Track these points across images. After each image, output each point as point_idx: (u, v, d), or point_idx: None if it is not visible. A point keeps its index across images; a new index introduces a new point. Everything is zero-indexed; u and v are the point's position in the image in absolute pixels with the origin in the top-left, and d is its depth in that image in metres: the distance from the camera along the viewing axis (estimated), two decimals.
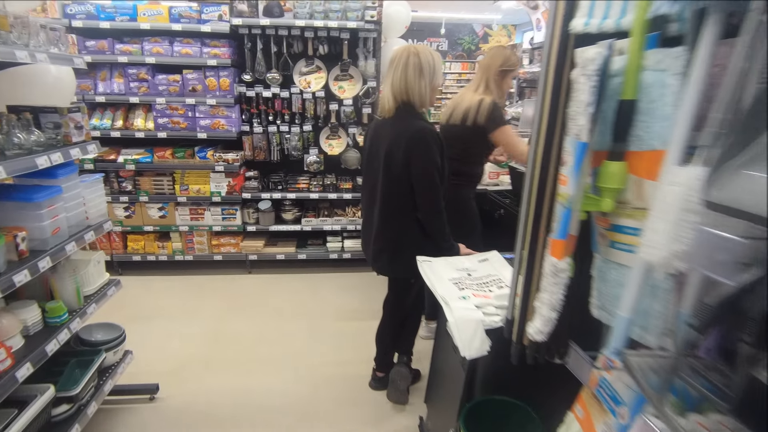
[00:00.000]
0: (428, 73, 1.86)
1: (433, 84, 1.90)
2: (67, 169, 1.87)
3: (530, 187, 0.98)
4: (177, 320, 3.09)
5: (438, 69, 1.89)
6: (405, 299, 2.27)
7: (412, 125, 1.88)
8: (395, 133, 1.91)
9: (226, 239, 3.77)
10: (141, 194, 3.55)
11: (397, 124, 1.92)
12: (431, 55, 1.87)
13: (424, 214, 1.97)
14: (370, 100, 3.61)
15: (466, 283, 1.71)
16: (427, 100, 1.91)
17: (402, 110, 1.91)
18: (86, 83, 3.33)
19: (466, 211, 2.39)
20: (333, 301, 3.40)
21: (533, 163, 0.98)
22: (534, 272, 1.02)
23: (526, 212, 1.00)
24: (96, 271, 2.13)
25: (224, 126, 3.49)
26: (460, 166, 2.31)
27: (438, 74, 1.90)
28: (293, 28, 3.35)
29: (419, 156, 1.87)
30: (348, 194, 3.76)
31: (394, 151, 1.90)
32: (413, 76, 1.85)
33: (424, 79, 1.86)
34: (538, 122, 0.95)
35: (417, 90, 1.87)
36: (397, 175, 1.93)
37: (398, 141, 1.88)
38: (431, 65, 1.86)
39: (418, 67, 1.84)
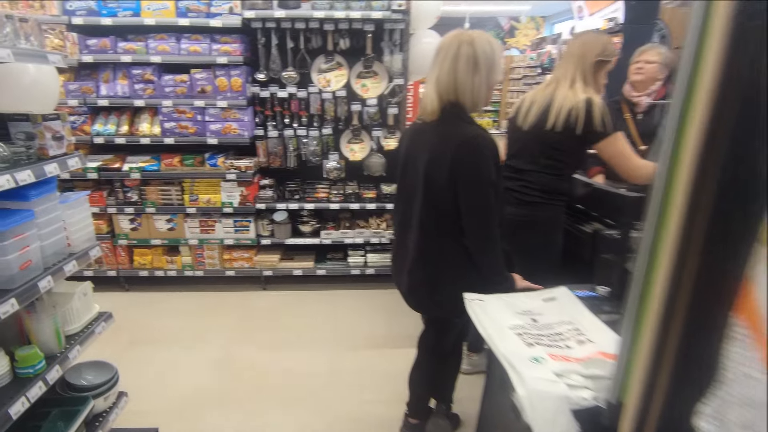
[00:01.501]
0: (485, 68, 1.47)
1: (490, 81, 1.51)
2: (43, 188, 1.56)
3: (688, 213, 0.61)
4: (183, 345, 2.79)
5: (497, 62, 1.50)
6: (445, 340, 1.90)
7: (462, 131, 1.50)
8: (439, 141, 1.53)
9: (239, 253, 3.46)
10: (148, 205, 3.26)
11: (441, 129, 1.54)
12: (489, 44, 1.48)
13: (472, 241, 1.59)
14: (396, 100, 3.24)
15: (533, 334, 1.32)
16: (482, 100, 1.52)
17: (449, 112, 1.53)
18: (88, 85, 3.06)
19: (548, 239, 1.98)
20: (356, 325, 3.05)
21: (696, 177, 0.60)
22: (669, 336, 0.66)
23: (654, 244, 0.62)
24: (82, 305, 1.82)
25: (236, 130, 3.17)
26: (547, 181, 1.91)
27: (497, 69, 1.51)
28: (311, 20, 3.00)
29: (470, 169, 1.49)
30: (371, 204, 3.40)
31: (438, 163, 1.53)
32: (465, 70, 1.46)
33: (479, 75, 1.47)
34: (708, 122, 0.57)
35: (469, 88, 1.48)
36: (440, 193, 1.55)
37: (443, 150, 1.51)
38: (489, 57, 1.47)
39: (471, 59, 1.46)
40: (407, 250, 1.72)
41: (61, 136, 1.64)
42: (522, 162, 1.94)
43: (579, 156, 1.91)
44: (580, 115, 1.74)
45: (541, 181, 1.90)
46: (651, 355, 0.72)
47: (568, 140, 1.80)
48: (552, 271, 2.00)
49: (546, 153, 1.87)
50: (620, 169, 1.84)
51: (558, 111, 1.77)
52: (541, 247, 1.96)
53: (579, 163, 1.96)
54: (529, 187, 1.92)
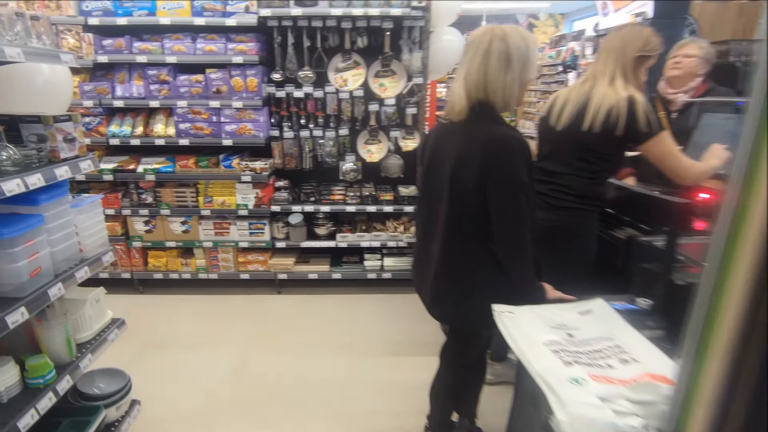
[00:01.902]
0: (518, 65, 1.36)
1: (524, 79, 1.40)
2: (53, 192, 1.51)
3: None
4: (196, 350, 2.74)
5: (531, 59, 1.39)
6: (470, 351, 1.80)
7: (492, 131, 1.40)
8: (468, 141, 1.43)
9: (254, 256, 3.40)
10: (162, 207, 3.23)
11: (470, 129, 1.44)
12: (523, 39, 1.37)
13: (502, 249, 1.48)
14: (415, 99, 3.15)
15: (570, 351, 1.21)
16: (514, 99, 1.42)
17: (477, 112, 1.43)
18: (103, 86, 3.03)
19: (582, 247, 1.86)
20: (372, 331, 2.97)
21: None
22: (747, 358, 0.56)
23: None
24: (95, 311, 1.77)
25: (251, 131, 3.11)
26: (580, 185, 1.79)
27: (531, 66, 1.40)
28: (328, 18, 2.92)
29: (501, 171, 1.39)
30: (389, 207, 3.31)
31: (465, 165, 1.43)
32: (497, 67, 1.36)
33: (512, 73, 1.36)
34: None
35: (501, 86, 1.38)
36: (467, 196, 1.45)
37: (472, 151, 1.41)
38: (522, 54, 1.36)
39: (504, 55, 1.35)
40: (431, 257, 1.62)
41: (73, 138, 1.58)
42: (554, 164, 1.83)
43: (617, 159, 1.79)
44: (621, 115, 1.62)
45: (575, 185, 1.78)
46: (721, 381, 0.61)
47: (607, 142, 1.68)
48: (584, 281, 1.88)
49: (581, 155, 1.75)
50: (669, 170, 1.71)
51: (596, 110, 1.66)
52: (573, 255, 1.85)
53: (616, 166, 1.84)
54: (561, 191, 1.81)
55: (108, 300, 3.32)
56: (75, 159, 1.59)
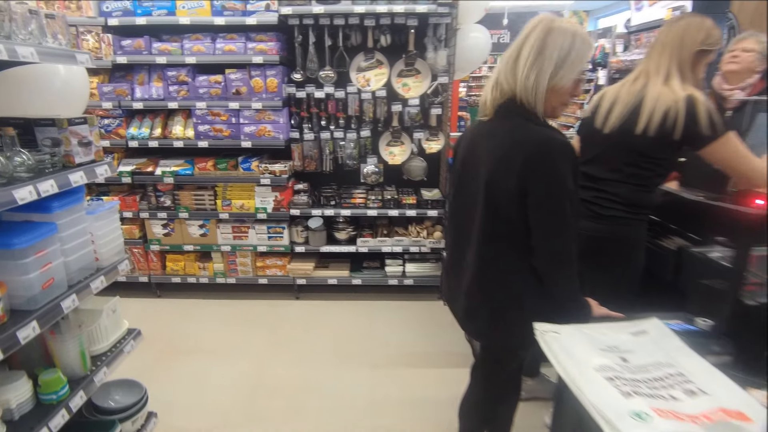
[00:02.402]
0: (550, 64, 1.20)
1: (556, 83, 1.23)
2: (68, 199, 1.44)
3: None
4: (213, 357, 2.67)
5: (572, 64, 1.22)
6: (504, 371, 1.67)
7: (533, 134, 1.26)
8: (506, 144, 1.30)
9: (272, 261, 3.32)
10: (180, 210, 3.17)
11: (508, 131, 1.31)
12: (571, 37, 1.21)
13: (544, 261, 1.35)
14: (439, 99, 3.02)
15: (626, 379, 1.08)
16: (539, 102, 1.26)
17: (511, 110, 1.30)
18: (123, 88, 2.99)
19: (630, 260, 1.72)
20: (394, 340, 2.85)
21: None
22: None
23: None
24: (111, 322, 1.70)
25: (271, 133, 3.03)
26: (629, 192, 1.64)
27: (568, 72, 1.22)
28: (351, 16, 2.82)
29: (543, 177, 1.25)
30: (411, 211, 3.19)
31: (503, 170, 1.30)
32: (526, 61, 1.22)
33: (539, 70, 1.21)
34: None
35: (522, 83, 1.24)
36: (506, 204, 1.32)
37: (510, 155, 1.27)
38: (561, 54, 1.20)
39: (536, 48, 1.21)
40: (464, 268, 1.50)
41: (88, 142, 1.51)
42: (600, 169, 1.68)
43: (671, 165, 1.64)
44: (680, 117, 1.47)
45: (624, 193, 1.63)
46: None
47: (662, 146, 1.53)
48: (630, 296, 1.74)
49: (632, 161, 1.60)
50: (738, 174, 1.54)
51: (651, 112, 1.51)
52: (619, 268, 1.70)
53: (668, 172, 1.69)
54: (608, 199, 1.66)
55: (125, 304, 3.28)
56: (91, 164, 1.51)
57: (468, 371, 1.77)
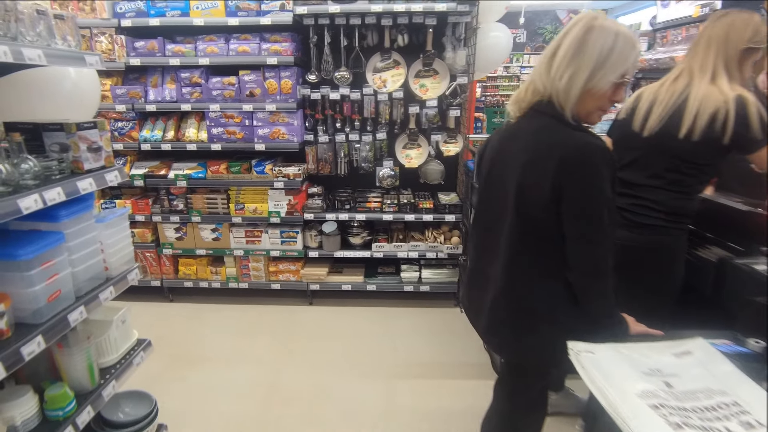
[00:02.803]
0: (588, 63, 1.11)
1: (593, 86, 1.13)
2: (76, 207, 1.38)
3: None
4: (226, 365, 2.61)
5: (615, 64, 1.11)
6: (531, 390, 1.57)
7: (569, 137, 1.17)
8: (538, 148, 1.20)
9: (285, 265, 3.26)
10: (193, 214, 3.12)
11: (540, 133, 1.21)
12: (614, 36, 1.11)
13: (578, 274, 1.25)
14: (458, 101, 2.93)
15: (674, 407, 0.98)
16: (569, 104, 1.16)
17: (544, 111, 1.21)
18: (136, 90, 2.95)
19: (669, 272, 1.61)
20: (409, 348, 2.76)
21: None
22: None
23: None
24: (120, 333, 1.64)
25: (285, 135, 2.96)
26: (669, 199, 1.54)
27: (607, 74, 1.12)
28: (368, 15, 2.74)
29: (580, 185, 1.15)
30: (428, 215, 3.10)
31: (535, 176, 1.20)
32: (562, 56, 1.13)
33: (575, 69, 1.12)
34: None
35: (556, 82, 1.15)
36: (537, 213, 1.23)
37: (543, 160, 1.18)
38: (602, 54, 1.10)
39: (574, 45, 1.12)
40: (488, 280, 1.40)
41: (98, 147, 1.45)
42: (638, 175, 1.57)
43: (715, 170, 1.53)
44: (729, 120, 1.35)
45: (663, 200, 1.52)
46: None
47: (707, 151, 1.42)
48: (667, 311, 1.63)
49: (673, 166, 1.49)
50: None
51: (696, 113, 1.39)
52: (656, 280, 1.59)
53: (712, 178, 1.57)
54: (646, 207, 1.55)
55: (137, 308, 3.27)
56: (100, 170, 1.45)
57: (486, 383, 1.68)
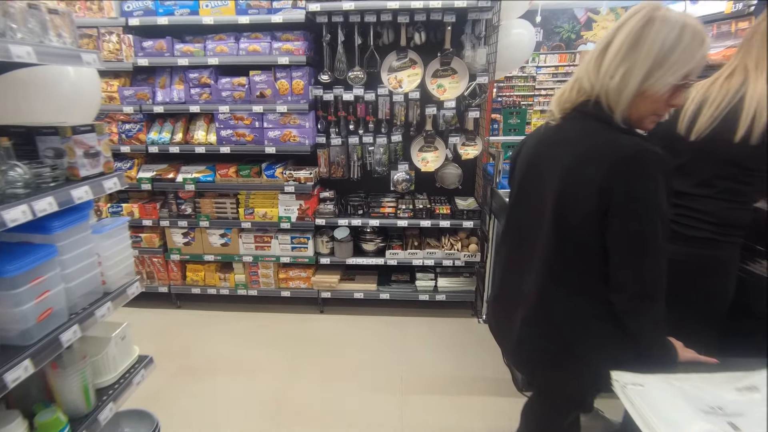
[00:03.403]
0: (645, 59, 0.96)
1: (649, 88, 0.99)
2: (71, 217, 1.27)
3: None
4: (234, 376, 2.50)
5: (677, 63, 0.97)
6: (564, 420, 1.42)
7: (620, 142, 1.03)
8: (583, 153, 1.06)
9: (296, 272, 3.15)
10: (201, 218, 3.03)
11: (585, 137, 1.08)
12: (680, 30, 0.96)
13: (624, 296, 1.10)
14: (477, 101, 2.79)
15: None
16: (620, 106, 1.02)
17: (589, 113, 1.07)
18: (144, 91, 2.86)
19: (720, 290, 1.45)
20: (424, 361, 2.62)
21: None
22: None
23: None
24: (119, 350, 1.53)
25: (296, 138, 2.85)
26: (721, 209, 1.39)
27: (671, 71, 0.97)
28: (383, 12, 2.61)
29: (631, 198, 1.02)
30: (445, 221, 2.96)
31: (579, 185, 1.06)
32: (615, 51, 0.99)
33: (631, 71, 0.98)
34: None
35: (606, 81, 1.01)
36: (580, 226, 1.08)
37: (588, 167, 1.04)
38: (664, 50, 0.96)
39: (629, 40, 0.98)
40: (519, 297, 1.27)
41: (96, 153, 1.35)
42: (684, 183, 1.42)
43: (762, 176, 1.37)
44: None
45: (715, 210, 1.37)
46: None
47: (747, 153, 1.27)
48: (715, 332, 1.47)
49: (726, 173, 1.34)
50: None
51: (753, 114, 1.24)
52: (704, 299, 1.44)
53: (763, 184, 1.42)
54: (694, 218, 1.40)
55: (144, 315, 3.20)
56: (98, 177, 1.35)
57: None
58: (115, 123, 2.94)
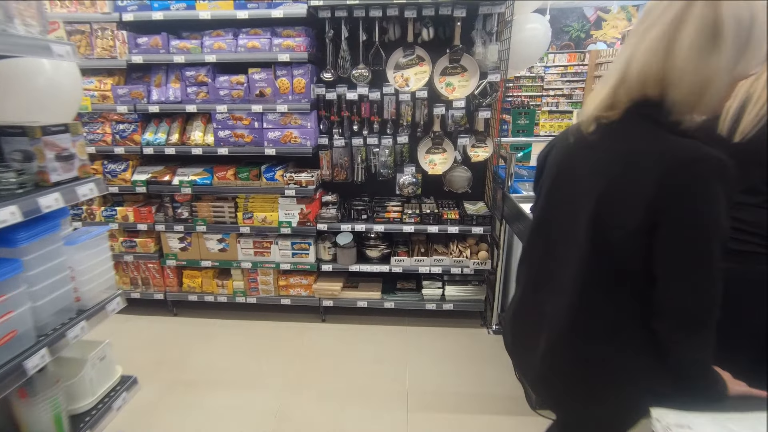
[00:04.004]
0: (733, 45, 0.82)
1: (740, 70, 0.85)
2: (39, 228, 1.14)
3: None
4: (230, 390, 2.36)
5: (758, 38, 0.82)
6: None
7: (675, 146, 0.87)
8: (628, 159, 0.91)
9: (296, 279, 3.01)
10: (198, 223, 2.90)
11: (627, 141, 0.93)
12: (749, 7, 0.81)
13: (671, 327, 0.95)
14: (488, 101, 2.64)
15: None
16: (713, 100, 0.87)
17: (638, 114, 0.92)
18: (139, 90, 2.74)
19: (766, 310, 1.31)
20: (430, 375, 2.48)
21: None
22: None
23: None
24: (98, 372, 1.39)
25: (297, 139, 2.71)
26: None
27: (755, 49, 0.83)
28: (390, 6, 2.46)
29: (687, 213, 0.86)
30: (453, 227, 2.81)
31: (622, 196, 0.91)
32: (692, 44, 0.83)
33: (720, 56, 0.82)
34: None
35: (693, 76, 0.85)
36: (619, 243, 0.94)
37: (637, 175, 0.89)
38: (744, 28, 0.81)
39: (709, 27, 0.82)
40: (543, 316, 1.12)
41: (69, 155, 1.21)
42: None
43: None
44: None
45: (763, 221, 1.22)
46: None
47: None
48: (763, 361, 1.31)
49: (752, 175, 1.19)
50: None
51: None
52: (751, 321, 1.28)
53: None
54: (739, 229, 1.25)
55: (140, 322, 3.07)
56: (71, 182, 1.21)
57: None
58: (108, 123, 2.81)
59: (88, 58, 2.70)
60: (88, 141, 2.81)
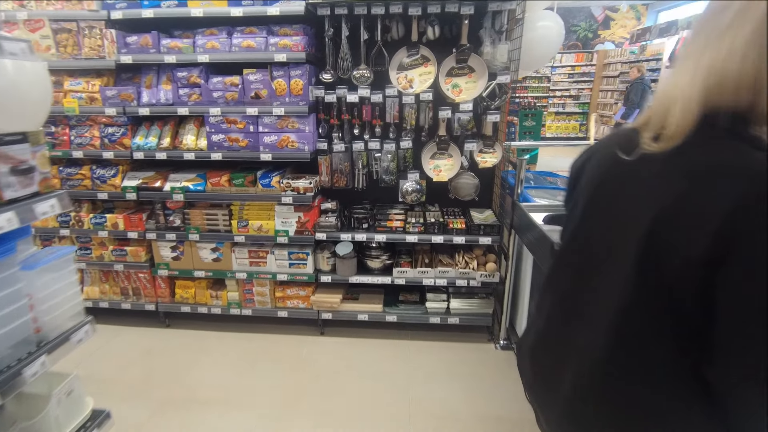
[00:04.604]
0: None
1: None
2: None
3: None
4: (223, 411, 2.22)
5: None
6: None
7: (757, 163, 0.72)
8: (697, 178, 0.75)
9: (294, 291, 2.86)
10: (191, 231, 2.76)
11: (698, 154, 0.77)
12: None
13: (732, 379, 0.78)
14: (497, 103, 2.48)
15: None
16: None
17: (716, 128, 0.77)
18: (128, 92, 2.60)
19: None
20: (437, 395, 2.32)
21: None
22: None
23: None
24: (64, 409, 1.25)
25: (295, 143, 2.57)
26: None
27: None
28: (393, 3, 2.31)
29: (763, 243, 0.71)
30: (459, 237, 2.65)
31: (686, 222, 0.75)
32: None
33: None
34: None
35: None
36: (673, 277, 0.77)
37: (704, 197, 0.73)
38: None
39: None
40: (570, 350, 0.96)
41: (28, 168, 1.07)
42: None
43: None
44: None
45: None
46: None
47: None
48: None
49: None
50: None
51: None
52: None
53: None
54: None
55: (131, 334, 2.92)
56: (29, 199, 1.07)
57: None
58: (97, 126, 2.68)
59: (76, 58, 2.57)
60: (76, 145, 2.68)
